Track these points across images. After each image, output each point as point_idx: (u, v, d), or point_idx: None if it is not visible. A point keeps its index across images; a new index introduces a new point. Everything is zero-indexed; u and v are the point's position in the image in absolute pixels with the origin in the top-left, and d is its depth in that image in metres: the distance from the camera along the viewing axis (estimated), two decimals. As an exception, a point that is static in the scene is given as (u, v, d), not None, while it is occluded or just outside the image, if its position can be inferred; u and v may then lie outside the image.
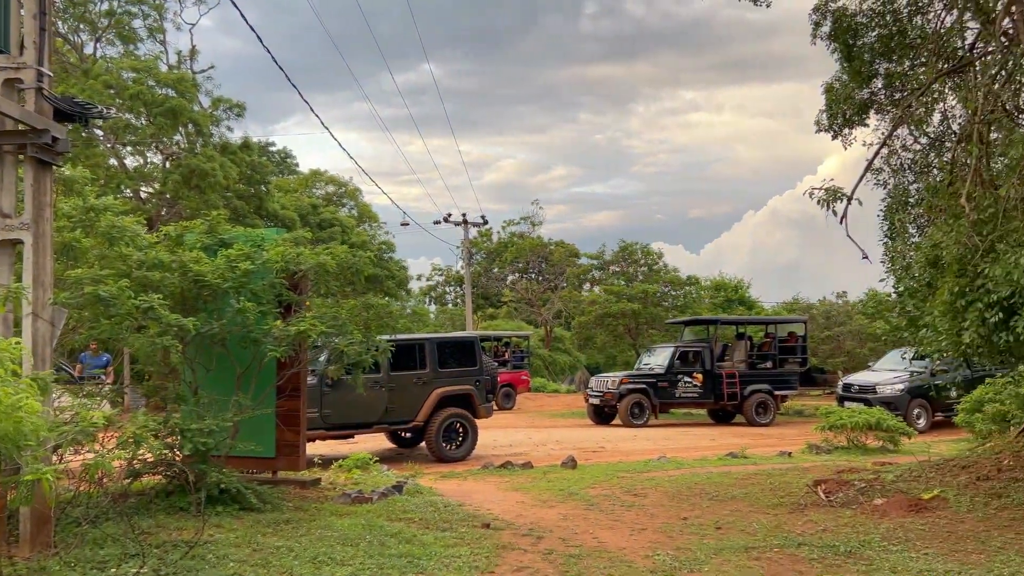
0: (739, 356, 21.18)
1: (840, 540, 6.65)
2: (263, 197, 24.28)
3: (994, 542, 6.43)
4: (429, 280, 57.29)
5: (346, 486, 8.96)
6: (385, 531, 6.90)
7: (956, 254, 5.91)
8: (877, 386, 18.65)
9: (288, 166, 37.66)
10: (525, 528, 7.40)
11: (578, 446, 15.50)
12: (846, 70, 10.50)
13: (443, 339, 14.02)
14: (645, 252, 29.98)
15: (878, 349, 24.19)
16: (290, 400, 8.54)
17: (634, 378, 20.02)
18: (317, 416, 12.36)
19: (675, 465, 12.02)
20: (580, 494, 9.30)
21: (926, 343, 6.80)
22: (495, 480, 10.74)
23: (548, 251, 46.72)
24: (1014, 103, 6.48)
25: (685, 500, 8.80)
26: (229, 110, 22.95)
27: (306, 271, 8.00)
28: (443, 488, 9.93)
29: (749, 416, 20.05)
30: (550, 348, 42.54)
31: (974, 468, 8.30)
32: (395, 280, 30.60)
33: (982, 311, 5.67)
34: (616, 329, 28.18)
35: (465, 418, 13.43)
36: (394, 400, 12.96)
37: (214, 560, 5.71)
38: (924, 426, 18.05)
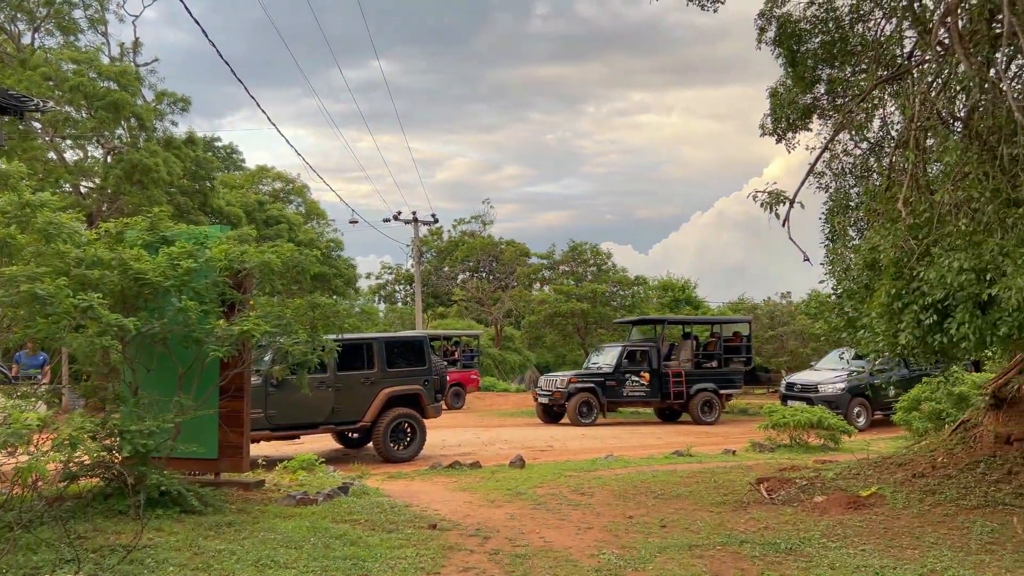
0: (685, 355, 21.46)
1: (781, 537, 6.78)
2: (208, 193, 23.85)
3: (928, 538, 6.61)
4: (378, 279, 56.99)
5: (291, 488, 8.85)
6: (330, 533, 6.83)
7: (893, 257, 6.07)
8: (819, 385, 19.07)
9: (234, 162, 37.01)
10: (472, 528, 7.39)
11: (527, 445, 15.54)
12: (790, 75, 10.69)
13: (391, 338, 13.93)
14: (594, 252, 30.16)
15: (820, 349, 24.71)
16: (233, 400, 8.40)
17: (582, 377, 20.15)
18: (261, 417, 12.19)
19: (622, 464, 12.13)
20: (527, 493, 9.32)
21: (864, 343, 6.96)
22: (443, 480, 10.72)
23: (499, 250, 46.76)
24: (949, 110, 6.67)
25: (631, 499, 8.88)
26: (173, 104, 22.47)
27: (250, 270, 7.87)
28: (390, 489, 9.87)
29: (695, 415, 20.33)
30: (500, 347, 42.57)
31: (910, 466, 8.53)
32: (343, 279, 30.33)
33: (917, 313, 5.83)
34: (565, 328, 28.30)
35: (413, 418, 13.37)
36: (341, 400, 12.84)
37: (153, 565, 5.59)
38: (864, 424, 18.51)
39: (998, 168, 5.62)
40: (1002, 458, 7.96)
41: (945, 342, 5.70)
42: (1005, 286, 5.18)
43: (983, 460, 8.06)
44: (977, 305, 5.56)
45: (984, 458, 8.08)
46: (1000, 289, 5.22)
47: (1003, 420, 8.22)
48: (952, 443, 8.67)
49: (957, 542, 6.48)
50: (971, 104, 5.91)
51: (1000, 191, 5.55)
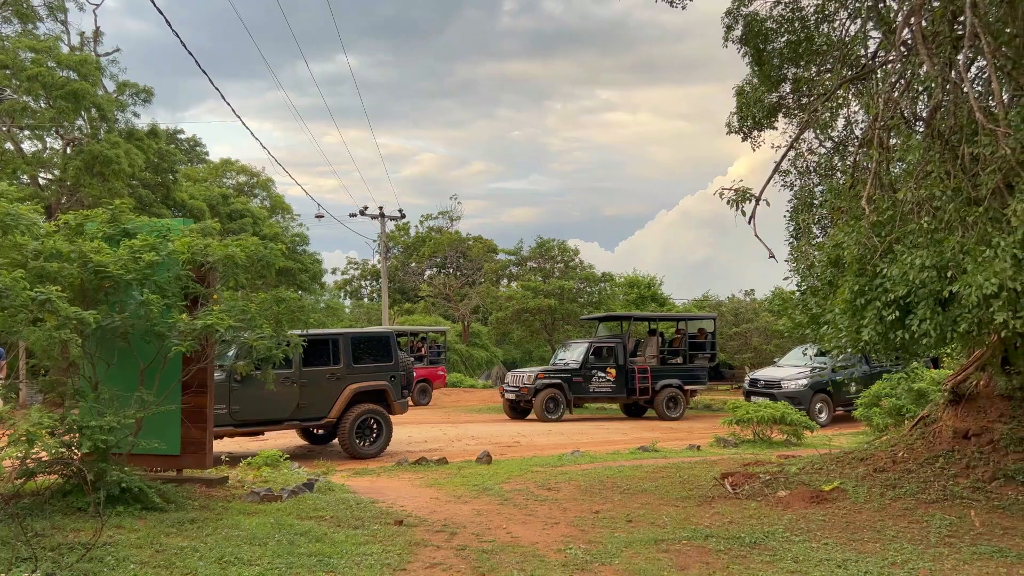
0: (651, 352, 21.60)
1: (745, 531, 6.84)
2: (170, 186, 23.47)
3: (889, 531, 6.71)
4: (344, 274, 56.70)
5: (255, 484, 8.75)
6: (295, 530, 6.76)
7: (856, 254, 6.14)
8: (782, 381, 19.30)
9: (198, 155, 36.47)
10: (438, 524, 7.37)
11: (493, 441, 15.54)
12: (756, 74, 10.80)
13: (357, 334, 13.83)
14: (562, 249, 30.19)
15: (783, 345, 25.03)
16: (196, 396, 8.29)
17: (549, 373, 20.19)
18: (225, 412, 12.04)
19: (588, 459, 12.17)
20: (494, 489, 9.31)
21: (827, 340, 7.04)
22: (409, 476, 10.67)
23: (466, 246, 46.72)
24: (912, 110, 6.77)
25: (597, 494, 8.91)
26: (135, 95, 22.04)
27: (214, 263, 7.76)
28: (356, 485, 9.80)
29: (660, 410, 20.47)
30: (467, 343, 42.54)
31: (871, 460, 8.65)
32: (309, 273, 30.02)
33: (880, 309, 5.90)
34: (532, 325, 28.30)
35: (379, 414, 13.29)
36: (306, 396, 12.72)
37: (113, 563, 5.49)
38: (826, 420, 18.77)
39: (959, 167, 5.71)
40: (960, 453, 8.11)
41: (907, 338, 5.79)
42: (965, 283, 5.27)
43: (942, 455, 8.20)
44: (938, 302, 5.65)
45: (943, 453, 8.23)
46: (961, 286, 5.31)
47: (961, 416, 8.37)
48: (912, 438, 8.81)
49: (917, 535, 6.59)
50: (934, 104, 6.00)
51: (961, 190, 5.65)
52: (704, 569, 5.84)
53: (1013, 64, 5.88)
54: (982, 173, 5.52)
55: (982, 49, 5.72)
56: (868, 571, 5.68)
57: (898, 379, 15.95)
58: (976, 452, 7.98)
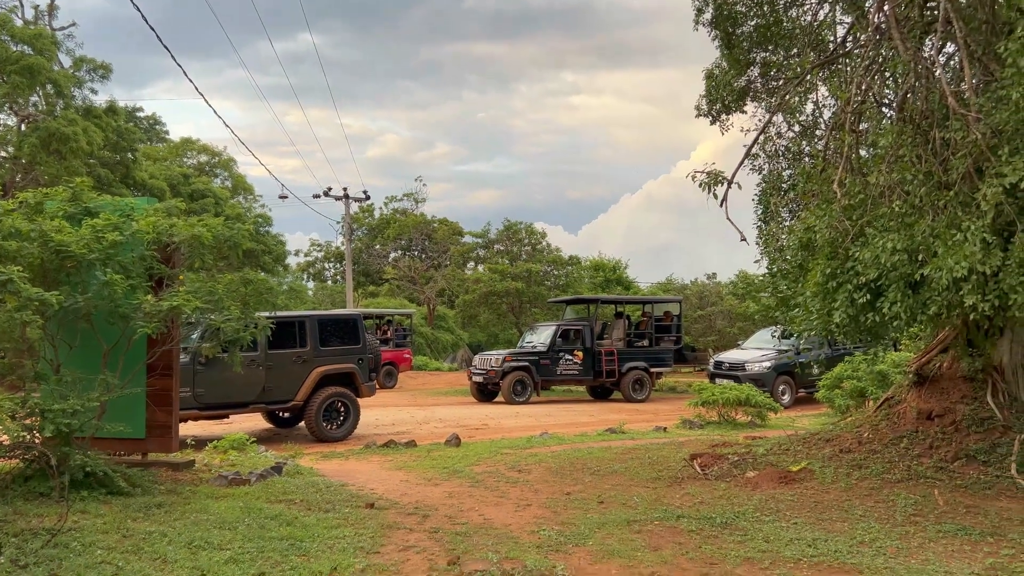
0: (618, 334, 21.71)
1: (716, 512, 6.90)
2: (130, 165, 22.94)
3: (856, 510, 6.81)
4: (307, 256, 56.07)
5: (222, 468, 8.63)
6: (265, 513, 6.68)
7: (828, 237, 6.19)
8: (746, 364, 19.52)
9: (157, 133, 35.70)
10: (410, 507, 7.33)
11: (461, 424, 15.52)
12: (726, 57, 10.82)
13: (324, 316, 13.68)
14: (529, 231, 30.10)
15: (747, 328, 25.32)
16: (161, 379, 8.14)
17: (517, 356, 20.21)
18: (189, 395, 11.86)
19: (557, 441, 12.21)
20: (465, 471, 9.29)
21: (797, 322, 7.11)
22: (378, 459, 10.61)
23: (432, 228, 46.42)
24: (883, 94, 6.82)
25: (568, 475, 8.93)
26: (93, 71, 21.47)
27: (180, 243, 7.60)
28: (325, 468, 9.72)
29: (626, 392, 20.61)
30: (433, 326, 42.38)
31: (837, 441, 8.78)
32: (272, 255, 29.60)
33: (851, 292, 5.96)
34: (499, 308, 28.24)
35: (347, 397, 13.19)
36: (272, 379, 12.57)
37: (79, 548, 5.37)
38: (789, 401, 19.03)
39: (930, 151, 5.77)
40: (924, 433, 8.25)
41: (877, 320, 5.86)
42: (936, 266, 5.34)
43: (906, 435, 8.34)
44: (908, 285, 5.72)
45: (907, 433, 8.37)
46: (931, 269, 5.37)
47: (925, 397, 8.52)
48: (877, 419, 8.95)
49: (883, 514, 6.70)
50: (905, 89, 6.05)
51: (932, 174, 5.71)
52: (677, 549, 5.88)
53: (983, 50, 5.94)
54: (952, 157, 5.58)
55: (954, 35, 5.77)
56: (838, 550, 5.76)
57: (859, 361, 16.24)
58: (939, 432, 8.13)
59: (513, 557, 5.60)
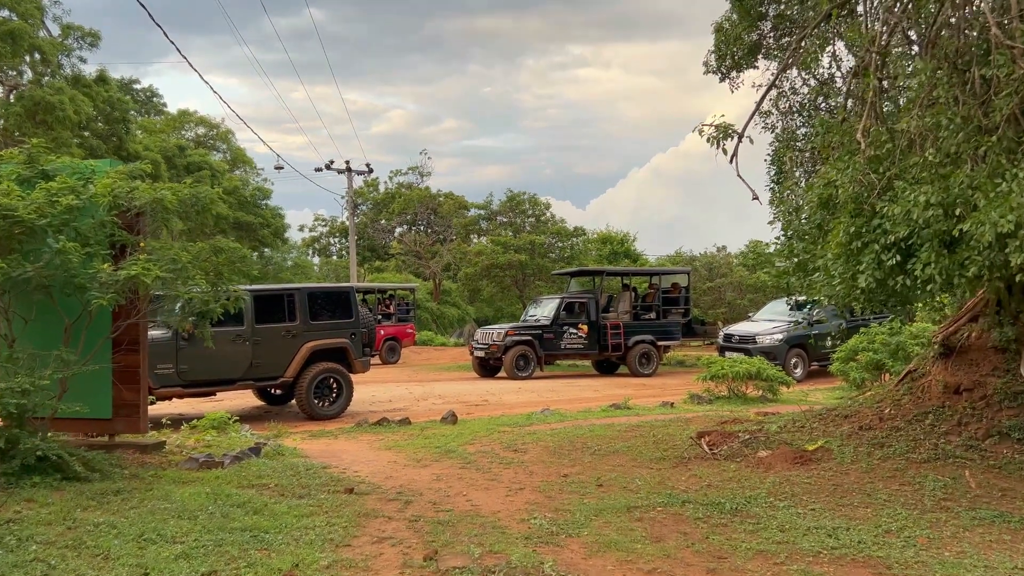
0: (624, 307, 21.05)
1: (725, 496, 6.30)
2: (123, 137, 22.27)
3: (879, 494, 6.21)
4: (312, 231, 55.42)
5: (196, 449, 8.08)
6: (232, 500, 6.12)
7: (851, 193, 5.52)
8: (757, 336, 18.86)
9: (155, 106, 34.98)
10: (393, 492, 6.77)
11: (461, 400, 14.96)
12: (736, 8, 10.11)
13: (315, 289, 13.06)
14: (532, 202, 29.26)
15: (758, 300, 24.62)
16: (128, 355, 7.57)
17: (520, 330, 19.58)
18: (172, 372, 11.33)
19: (558, 418, 11.64)
20: (457, 451, 8.73)
21: (817, 288, 6.43)
22: (368, 438, 10.05)
23: (437, 203, 45.66)
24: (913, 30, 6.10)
25: (566, 455, 8.35)
26: (82, 39, 20.75)
27: (141, 207, 6.98)
28: (310, 448, 9.18)
29: (633, 367, 19.98)
30: (439, 301, 41.78)
31: (856, 418, 8.16)
32: (270, 228, 28.91)
33: (878, 253, 5.30)
34: (503, 281, 27.52)
35: (339, 373, 12.62)
36: (260, 354, 11.99)
37: (13, 543, 4.82)
38: (801, 375, 18.39)
39: (969, 93, 5.09)
40: (951, 409, 7.63)
41: (908, 284, 5.20)
42: (976, 222, 4.68)
43: (931, 411, 7.71)
44: (944, 244, 5.05)
45: (933, 409, 7.74)
46: (971, 225, 4.71)
47: (952, 370, 7.88)
48: (899, 394, 8.32)
49: (910, 499, 6.09)
50: (940, 21, 5.36)
51: (971, 118, 5.03)
52: (681, 540, 5.28)
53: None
54: (995, 98, 4.90)
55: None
56: (862, 540, 5.16)
57: (875, 333, 15.59)
58: (968, 408, 7.50)
59: (498, 551, 5.02)
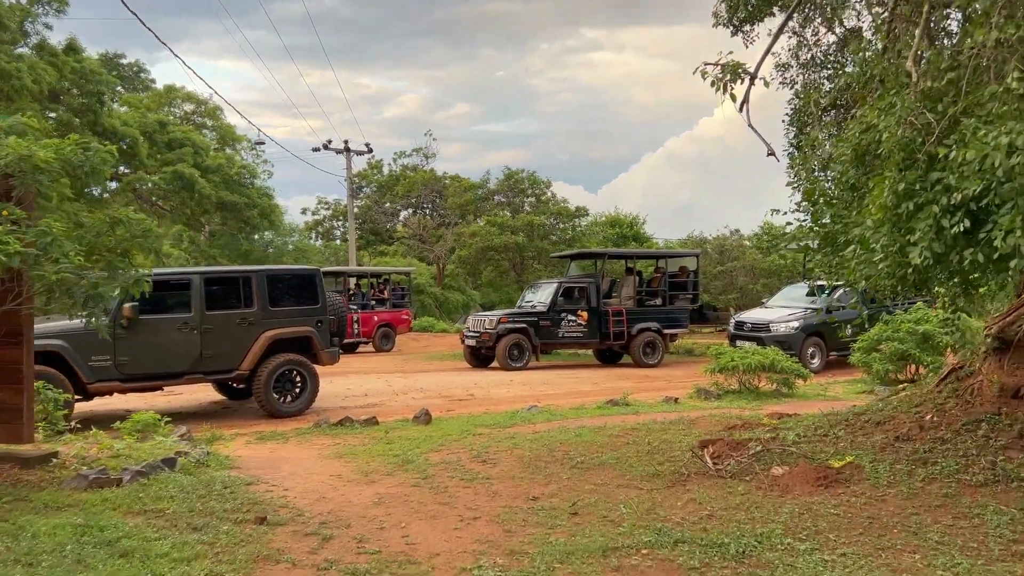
0: (627, 292, 19.58)
1: (730, 533, 4.93)
2: (96, 110, 20.93)
3: (929, 533, 4.81)
4: (315, 214, 54.05)
5: (98, 460, 6.76)
6: (103, 537, 4.80)
7: (900, 139, 4.13)
8: (771, 324, 17.40)
9: (142, 82, 33.68)
10: (317, 521, 5.44)
11: (444, 394, 13.64)
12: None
13: (275, 272, 11.68)
14: (532, 181, 27.66)
15: (772, 285, 23.14)
16: (7, 349, 6.26)
17: (514, 317, 18.15)
18: (110, 365, 10.06)
19: (546, 416, 10.29)
20: (417, 462, 7.39)
21: (851, 268, 5.00)
22: (322, 443, 8.74)
23: (442, 185, 44.17)
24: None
25: (542, 469, 6.98)
26: (47, 4, 19.41)
27: (7, 167, 5.64)
28: (248, 456, 7.88)
29: (636, 356, 18.56)
30: (443, 286, 40.41)
31: (890, 425, 6.77)
32: (257, 209, 27.49)
33: (938, 218, 3.90)
34: (501, 264, 26.04)
35: (302, 365, 11.28)
36: (211, 344, 10.67)
37: None
38: (818, 366, 16.96)
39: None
40: (1010, 416, 6.23)
41: (982, 259, 3.79)
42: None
43: (985, 419, 6.32)
44: (1034, 203, 3.65)
45: (986, 416, 6.34)
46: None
47: (1010, 368, 6.47)
48: (941, 396, 6.93)
49: (969, 539, 4.70)
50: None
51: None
52: (669, 604, 3.92)
53: None
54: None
55: None
56: (914, 610, 3.79)
57: (900, 321, 14.18)
58: (1032, 416, 6.09)
59: (413, 626, 3.67)
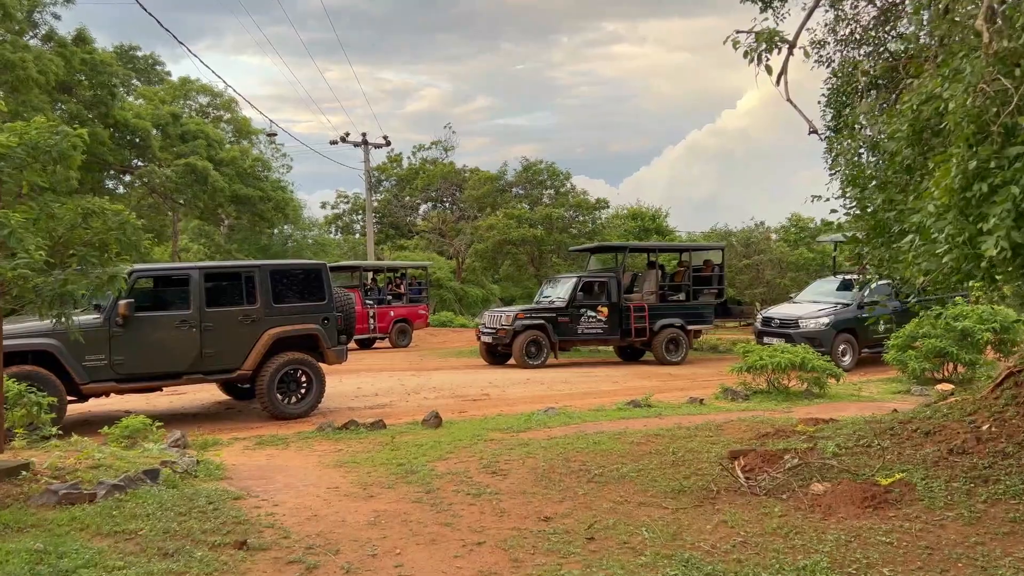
0: (649, 287, 18.89)
1: (768, 566, 4.31)
2: (107, 102, 20.54)
3: (1001, 568, 4.17)
4: (334, 208, 53.71)
5: (75, 472, 6.25)
6: (60, 565, 4.28)
7: (970, 110, 3.50)
8: (800, 320, 16.68)
9: (158, 74, 33.36)
10: (303, 545, 4.89)
11: (458, 394, 13.08)
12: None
13: (279, 266, 11.13)
14: (551, 172, 26.83)
15: (799, 279, 22.34)
16: (-27, 352, 5.78)
17: (531, 312, 17.53)
18: (105, 364, 9.59)
19: (563, 419, 9.71)
20: (422, 472, 6.84)
21: (907, 260, 4.34)
22: (323, 449, 8.21)
23: (462, 178, 43.59)
24: None
25: (556, 483, 6.40)
26: (55, -6, 19.01)
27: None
28: (242, 464, 7.36)
29: (659, 354, 17.90)
30: (462, 281, 39.90)
31: (942, 436, 6.11)
32: (271, 203, 26.99)
33: (1018, 201, 3.26)
34: (519, 258, 25.33)
35: (308, 365, 10.77)
36: (211, 343, 10.17)
37: None
38: (849, 364, 16.23)
39: None
40: (1081, 428, 5.55)
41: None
42: None
43: (1051, 430, 5.64)
44: None
45: (1052, 427, 5.67)
46: None
47: (1078, 373, 5.79)
48: (999, 404, 6.26)
49: (1048, 576, 4.06)
50: None
51: None
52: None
53: None
54: None
55: None
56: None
57: (936, 315, 13.44)
58: (1107, 428, 5.42)
59: None
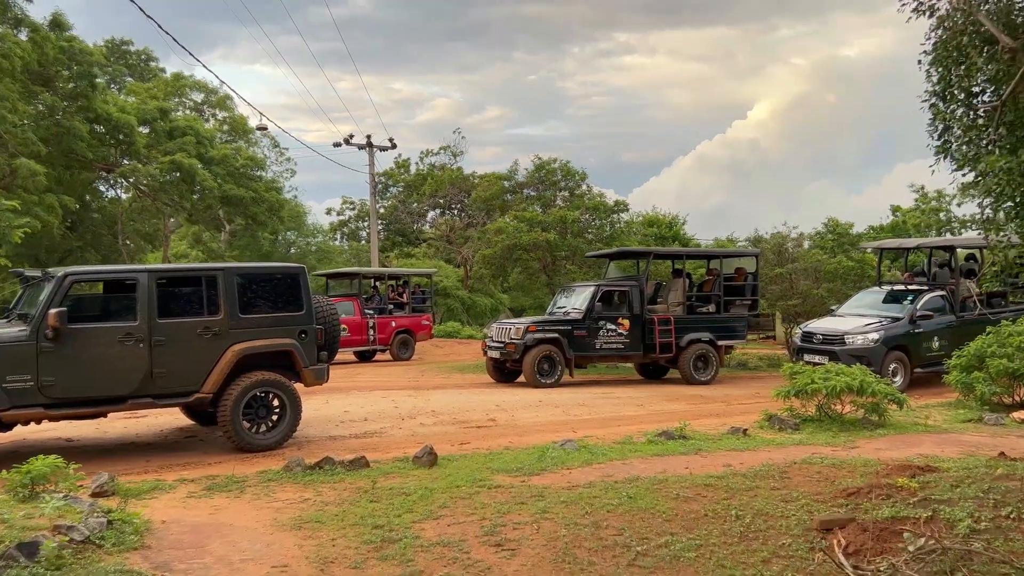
0: (675, 298, 17.08)
1: None
2: (88, 94, 18.98)
3: None
4: (340, 215, 52.28)
5: (-78, 547, 4.56)
6: None
7: None
8: (846, 336, 14.88)
9: (152, 70, 31.84)
10: None
11: (460, 419, 11.36)
12: None
13: (247, 270, 9.36)
14: (565, 172, 25.03)
15: (837, 290, 20.51)
16: None
17: (544, 325, 15.73)
18: (32, 387, 7.88)
19: (584, 456, 7.98)
20: (402, 542, 5.13)
21: None
22: (286, 497, 6.50)
23: (470, 184, 42.01)
24: None
25: (584, 567, 4.66)
26: (23, -25, 17.46)
27: None
28: (175, 521, 5.67)
29: (686, 372, 16.09)
30: (470, 289, 38.23)
31: None
32: (264, 205, 25.33)
33: None
34: (530, 264, 23.60)
35: (280, 387, 9.03)
36: (164, 361, 8.44)
37: None
38: (901, 384, 14.43)
39: None
40: None
41: None
42: None
43: None
44: None
45: None
46: None
47: None
48: None
49: None
50: None
51: None
52: None
53: None
54: None
55: None
56: None
57: (1007, 333, 11.75)
58: None
59: None
